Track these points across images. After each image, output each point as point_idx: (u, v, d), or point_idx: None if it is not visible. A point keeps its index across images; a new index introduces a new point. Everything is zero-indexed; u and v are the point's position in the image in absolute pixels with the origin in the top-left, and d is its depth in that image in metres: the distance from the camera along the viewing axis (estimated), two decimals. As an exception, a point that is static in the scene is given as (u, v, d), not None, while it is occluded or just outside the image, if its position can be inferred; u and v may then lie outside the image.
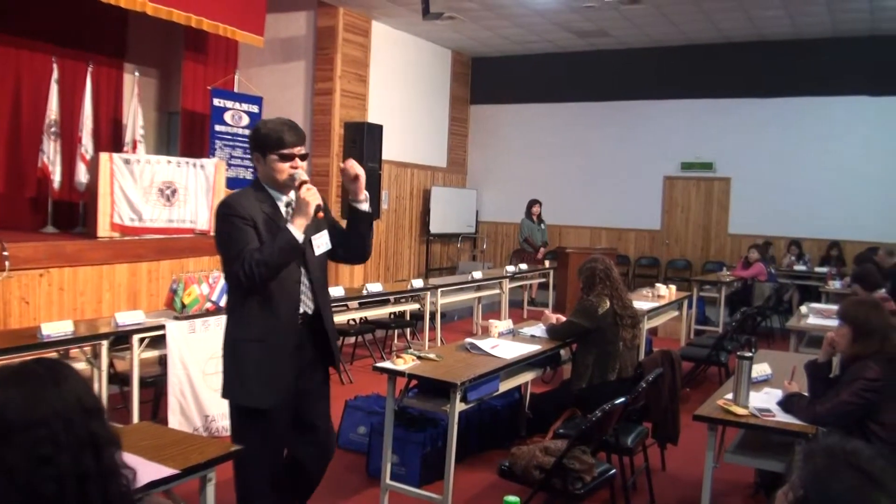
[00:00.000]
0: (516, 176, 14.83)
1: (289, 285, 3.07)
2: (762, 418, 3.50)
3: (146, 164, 8.27)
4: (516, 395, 5.60)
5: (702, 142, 13.26)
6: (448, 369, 4.12)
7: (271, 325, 3.03)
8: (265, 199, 3.09)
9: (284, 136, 3.05)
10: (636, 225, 13.89)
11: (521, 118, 14.86)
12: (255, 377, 3.03)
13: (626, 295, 5.16)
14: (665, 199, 13.69)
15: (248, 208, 3.01)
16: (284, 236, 2.94)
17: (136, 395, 4.98)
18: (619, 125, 13.92)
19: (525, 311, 11.11)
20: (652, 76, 13.52)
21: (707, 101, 13.18)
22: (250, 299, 3.02)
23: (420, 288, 7.98)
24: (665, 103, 13.51)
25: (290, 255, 2.97)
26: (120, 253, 7.49)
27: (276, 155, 3.04)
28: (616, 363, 4.93)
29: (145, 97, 11.15)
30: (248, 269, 2.89)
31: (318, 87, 11.54)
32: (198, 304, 5.37)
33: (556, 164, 14.45)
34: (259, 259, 2.90)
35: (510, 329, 5.32)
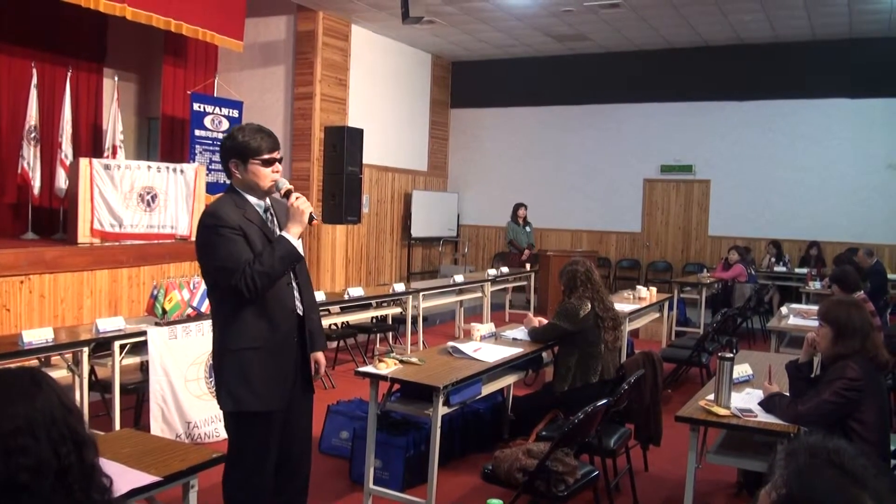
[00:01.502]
0: (497, 179, 14.86)
1: (282, 289, 3.10)
2: (744, 418, 3.52)
3: (126, 169, 8.22)
4: (499, 397, 5.60)
5: (681, 144, 13.34)
6: (430, 373, 4.12)
7: (270, 330, 3.06)
8: (244, 205, 3.10)
9: (263, 142, 3.07)
10: (617, 227, 13.94)
11: (501, 122, 14.89)
12: (261, 382, 3.05)
13: (607, 297, 5.16)
14: (645, 202, 13.75)
15: (234, 217, 3.02)
16: (284, 246, 2.98)
17: (118, 403, 4.94)
18: (599, 128, 13.97)
19: (507, 314, 11.12)
20: (631, 79, 13.59)
21: (687, 105, 13.27)
22: (246, 308, 3.02)
23: (402, 292, 7.97)
24: (645, 106, 13.58)
25: (291, 263, 3.03)
26: (100, 259, 7.44)
27: (259, 161, 3.05)
28: (598, 365, 4.93)
29: (125, 102, 11.08)
30: (250, 281, 2.91)
31: (298, 92, 11.51)
32: (179, 310, 5.34)
33: (536, 168, 14.49)
34: (261, 271, 2.93)
35: (492, 332, 5.32)
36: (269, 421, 3.09)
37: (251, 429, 3.10)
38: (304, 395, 3.28)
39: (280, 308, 3.08)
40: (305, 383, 3.28)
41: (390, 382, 4.07)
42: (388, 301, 8.01)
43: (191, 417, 5.27)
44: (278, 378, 3.09)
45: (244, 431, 3.12)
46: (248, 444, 3.08)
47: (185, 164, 9.00)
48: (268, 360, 3.06)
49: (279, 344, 3.08)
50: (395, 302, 8.05)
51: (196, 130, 10.27)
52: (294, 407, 3.22)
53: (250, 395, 3.05)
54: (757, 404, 3.68)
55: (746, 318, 9.30)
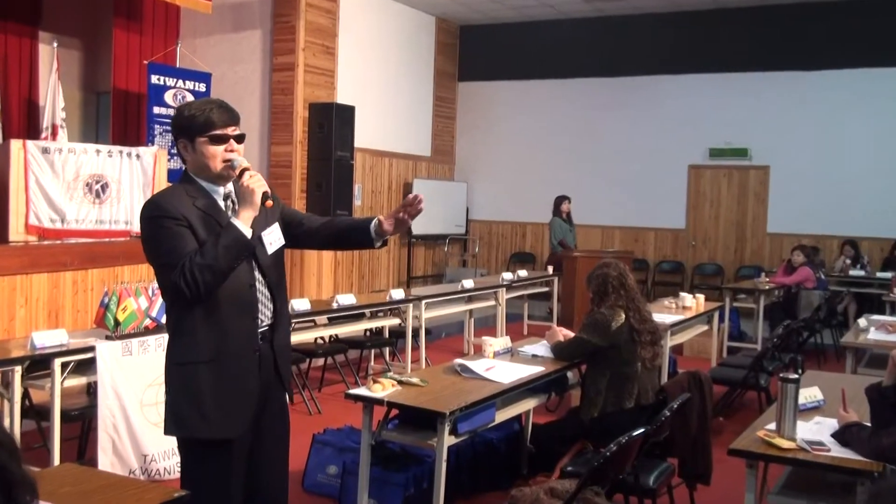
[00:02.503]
0: (514, 166, 14.84)
1: (241, 292, 3.04)
2: (814, 453, 3.48)
3: (69, 153, 8.22)
4: (516, 426, 5.60)
5: (734, 124, 13.31)
6: (434, 396, 4.11)
7: (224, 341, 3.00)
8: (198, 193, 3.05)
9: (214, 114, 3.01)
10: (656, 223, 13.93)
11: (518, 97, 14.87)
12: (213, 403, 2.99)
13: (644, 306, 5.15)
14: (690, 193, 13.73)
15: (180, 206, 2.97)
16: (230, 233, 2.90)
17: (58, 432, 4.91)
18: (635, 105, 13.95)
19: (525, 326, 11.10)
20: (674, 46, 13.57)
21: (740, 76, 13.24)
22: (195, 313, 2.98)
23: (401, 300, 7.96)
24: (689, 78, 13.56)
25: (239, 254, 2.93)
26: (37, 260, 7.43)
27: (206, 138, 3.01)
28: (634, 387, 4.93)
29: (67, 73, 11.08)
30: (189, 276, 2.84)
31: (278, 62, 11.50)
32: (134, 322, 5.33)
33: (560, 152, 14.47)
34: (201, 263, 2.85)
35: (508, 348, 5.30)
36: (226, 451, 3.02)
37: (205, 461, 3.04)
38: (276, 421, 3.23)
39: (237, 314, 3.03)
40: (277, 405, 3.25)
41: (387, 407, 4.05)
42: (385, 311, 7.99)
43: (147, 449, 5.25)
44: (235, 399, 3.02)
45: (196, 464, 3.08)
46: (202, 480, 3.03)
47: (141, 148, 8.99)
48: (221, 377, 2.99)
49: (235, 357, 3.02)
50: (393, 312, 8.03)
51: (154, 107, 10.28)
52: (264, 434, 3.18)
53: (198, 420, 2.99)
54: (830, 436, 3.64)
55: (815, 332, 9.27)
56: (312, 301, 7.38)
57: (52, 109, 9.94)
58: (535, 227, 14.83)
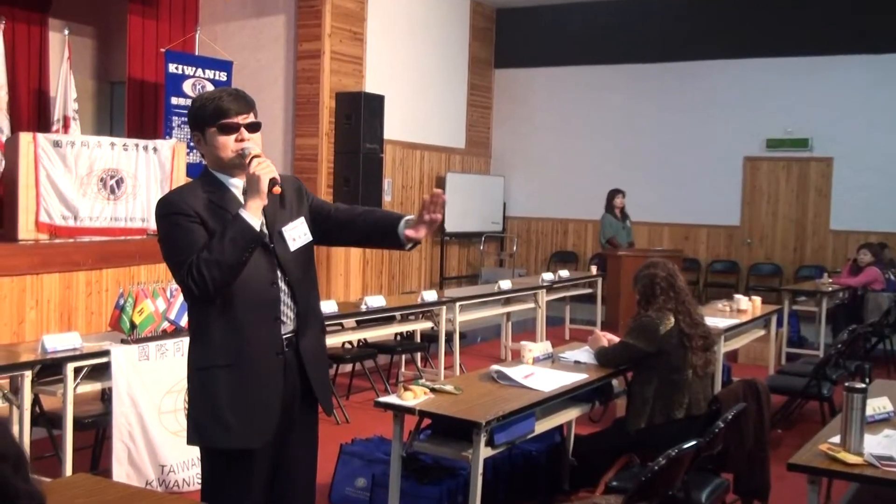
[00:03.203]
0: (554, 159, 14.81)
1: (260, 290, 3.05)
2: (883, 468, 3.44)
3: (82, 147, 8.30)
4: (557, 437, 5.58)
5: (794, 112, 13.20)
6: (469, 405, 4.10)
7: (243, 343, 3.01)
8: (214, 187, 3.08)
9: (223, 102, 3.04)
10: (708, 220, 13.85)
11: (559, 85, 14.84)
12: (233, 411, 3.01)
13: (695, 309, 5.13)
14: (746, 187, 13.64)
15: (192, 202, 2.99)
16: (236, 225, 2.92)
17: (70, 441, 4.95)
18: (685, 92, 13.87)
19: (567, 330, 11.08)
20: (727, 28, 13.48)
21: (801, 60, 13.12)
22: (213, 314, 3.00)
23: (433, 302, 7.96)
24: (745, 63, 13.45)
25: (246, 247, 2.94)
26: (49, 260, 7.51)
27: (216, 127, 3.03)
28: (684, 396, 4.90)
29: (79, 62, 11.20)
30: (196, 273, 2.87)
31: (303, 49, 11.55)
32: (152, 324, 5.36)
33: (604, 144, 14.43)
34: (208, 259, 2.87)
35: (548, 353, 5.31)
36: (248, 462, 3.05)
37: (226, 472, 3.06)
38: (303, 430, 3.24)
39: (257, 314, 3.04)
40: (305, 414, 3.27)
41: (419, 416, 4.05)
42: (417, 313, 8.01)
43: (165, 460, 5.29)
44: (256, 407, 3.03)
45: (217, 475, 3.10)
46: (223, 492, 3.06)
47: (158, 141, 9.07)
48: (240, 382, 3.01)
49: (256, 362, 3.03)
50: (425, 314, 8.04)
51: (172, 98, 10.36)
52: (290, 445, 3.19)
53: (217, 428, 3.01)
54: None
55: (883, 338, 9.18)
56: (340, 303, 7.40)
57: (64, 100, 10.04)
58: (578, 224, 14.79)
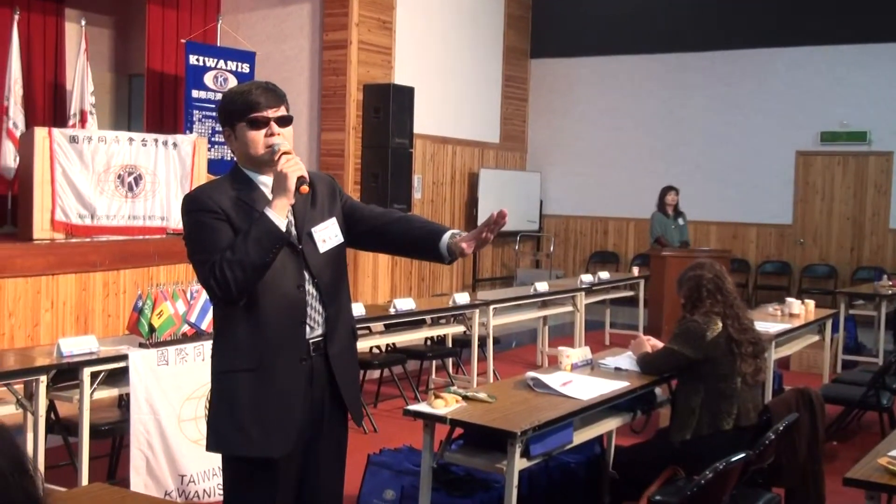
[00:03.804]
0: (594, 154, 14.75)
1: (287, 293, 3.06)
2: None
3: (99, 142, 8.36)
4: (596, 448, 5.55)
5: (851, 104, 13.09)
6: (504, 414, 4.10)
7: (267, 347, 3.02)
8: (243, 184, 3.10)
9: (253, 96, 3.05)
10: (758, 218, 13.76)
11: (599, 76, 14.79)
12: (254, 418, 3.02)
13: (744, 313, 5.09)
14: (798, 183, 13.54)
15: (219, 198, 3.01)
16: (261, 224, 2.92)
17: (86, 449, 4.99)
18: (732, 83, 13.79)
19: (607, 334, 11.04)
20: (779, 14, 13.38)
21: (858, 48, 13.02)
22: (237, 316, 3.02)
23: (466, 305, 7.96)
24: (797, 51, 13.36)
25: (271, 248, 2.95)
26: (65, 260, 7.57)
27: (245, 122, 3.05)
28: (732, 406, 4.86)
29: (96, 54, 11.29)
30: (219, 273, 2.88)
31: (329, 39, 11.59)
32: (171, 328, 5.39)
33: (647, 138, 14.37)
34: (231, 259, 2.88)
35: (587, 360, 5.29)
36: (271, 472, 3.06)
37: (248, 482, 3.07)
38: (331, 439, 3.25)
39: (283, 318, 3.05)
40: (333, 422, 3.27)
41: (450, 426, 4.05)
42: (448, 317, 8.00)
43: (185, 469, 5.32)
44: (279, 414, 3.04)
45: (239, 485, 3.11)
46: (245, 502, 3.08)
47: (178, 136, 9.12)
48: (263, 388, 3.02)
49: (280, 367, 3.04)
50: (457, 318, 8.03)
51: (193, 91, 10.43)
52: (317, 456, 3.20)
53: (237, 435, 3.02)
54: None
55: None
56: (367, 306, 7.41)
57: (81, 94, 10.13)
58: (618, 223, 14.74)
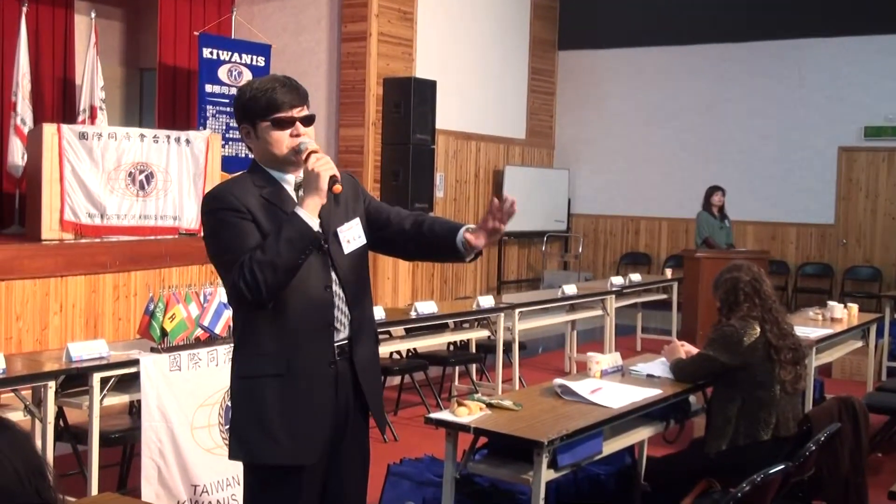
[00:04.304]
0: (625, 150, 14.73)
1: (315, 295, 3.08)
2: None
3: (110, 139, 8.41)
4: (627, 459, 5.56)
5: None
6: (530, 422, 4.09)
7: (295, 352, 3.05)
8: (267, 183, 3.12)
9: (277, 94, 3.07)
10: (798, 217, 13.70)
11: (631, 69, 14.77)
12: (281, 425, 3.04)
13: (784, 318, 5.07)
14: (840, 181, 13.48)
15: (243, 197, 3.03)
16: (293, 224, 2.95)
17: (96, 457, 5.02)
18: (773, 76, 13.74)
19: (639, 340, 11.03)
20: (821, 3, 13.33)
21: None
22: (263, 319, 3.03)
23: (490, 308, 7.95)
24: (839, 42, 13.31)
25: (304, 249, 2.97)
26: (74, 261, 7.61)
27: (269, 122, 3.07)
28: (771, 415, 4.85)
29: (107, 48, 11.35)
30: (248, 275, 2.89)
31: (347, 31, 11.61)
32: (184, 332, 5.40)
33: (680, 133, 14.33)
34: (262, 259, 2.90)
35: (618, 366, 5.27)
36: (295, 480, 3.07)
37: (271, 490, 3.09)
38: (354, 446, 3.27)
39: (310, 321, 3.07)
40: (357, 429, 3.28)
41: (474, 435, 4.05)
42: (471, 321, 8.01)
43: (198, 479, 5.33)
44: (306, 421, 3.06)
45: (261, 493, 3.13)
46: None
47: (191, 132, 9.16)
48: (291, 394, 3.04)
49: (307, 372, 3.06)
50: (481, 322, 8.04)
51: (206, 85, 10.46)
52: (341, 463, 3.21)
53: (267, 443, 3.04)
54: None
55: None
56: (387, 309, 7.42)
57: (90, 89, 10.17)
58: (650, 223, 14.69)
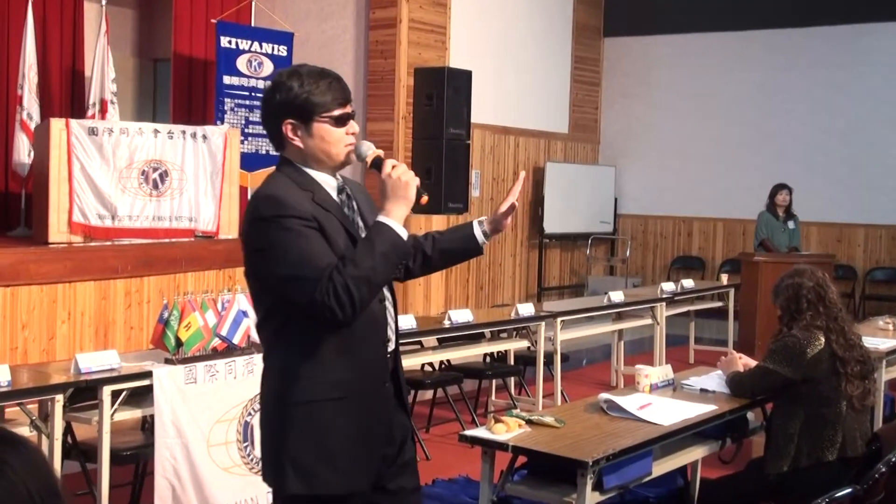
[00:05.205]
0: (677, 145, 14.68)
1: (371, 308, 3.08)
2: None
3: (121, 134, 8.46)
4: (679, 481, 5.56)
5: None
6: (573, 441, 4.10)
7: (355, 371, 3.05)
8: (311, 185, 3.10)
9: (332, 90, 3.08)
10: (867, 218, 13.64)
11: (683, 57, 14.74)
12: (343, 450, 3.04)
13: (851, 327, 5.04)
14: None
15: (302, 203, 3.00)
16: (386, 236, 2.94)
17: (106, 476, 5.05)
18: (839, 64, 13.68)
19: (692, 351, 10.96)
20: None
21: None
22: (321, 339, 3.01)
23: (530, 317, 7.94)
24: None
25: (398, 263, 3.03)
26: (83, 266, 7.66)
27: (328, 118, 3.07)
28: (837, 434, 4.83)
29: (118, 38, 11.44)
30: (343, 292, 2.86)
31: (376, 17, 11.63)
32: (200, 342, 5.42)
33: (737, 127, 14.29)
34: (357, 276, 2.87)
35: (669, 380, 5.28)
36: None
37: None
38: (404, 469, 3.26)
39: (369, 337, 3.08)
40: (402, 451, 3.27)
41: (512, 454, 4.06)
42: (510, 330, 7.99)
43: (215, 499, 5.35)
44: (366, 443, 3.07)
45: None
46: None
47: (208, 127, 9.21)
48: (353, 417, 3.04)
49: (367, 392, 3.07)
50: (520, 332, 8.02)
51: (224, 77, 10.50)
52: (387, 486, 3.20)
53: (330, 472, 3.02)
54: None
55: None
56: (419, 318, 7.41)
57: (101, 82, 10.23)
58: (704, 224, 14.63)
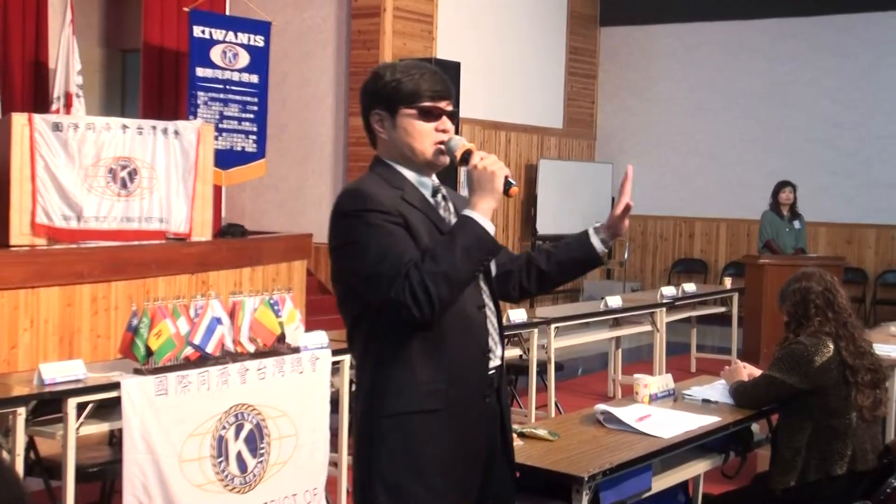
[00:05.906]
0: (678, 142, 14.73)
1: (469, 314, 3.06)
2: None
3: (88, 130, 8.43)
4: (681, 497, 5.54)
5: None
6: (568, 454, 4.11)
7: (452, 382, 3.01)
8: (401, 183, 3.09)
9: (427, 80, 3.09)
10: (878, 218, 13.70)
11: (685, 47, 14.79)
12: (438, 469, 3.00)
13: (861, 334, 5.05)
14: (927, 176, 13.43)
15: (388, 199, 2.98)
16: (470, 230, 2.92)
17: (72, 494, 5.03)
18: (849, 54, 13.74)
19: (693, 359, 11.00)
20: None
21: None
22: (414, 345, 2.97)
23: (522, 324, 7.94)
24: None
25: (482, 258, 2.99)
26: (47, 270, 7.64)
27: (413, 109, 3.07)
28: (846, 447, 4.84)
29: (84, 27, 11.42)
30: (420, 290, 2.82)
31: (358, 5, 11.65)
32: (172, 351, 5.40)
33: (742, 122, 14.35)
34: (435, 272, 2.83)
35: (669, 390, 5.29)
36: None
37: None
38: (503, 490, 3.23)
39: (465, 345, 3.03)
40: (502, 473, 3.24)
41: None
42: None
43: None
44: (464, 463, 3.04)
45: None
46: None
47: (180, 122, 9.18)
48: (448, 432, 3.00)
49: (464, 406, 3.02)
50: (512, 340, 8.01)
51: (198, 69, 10.48)
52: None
53: (423, 491, 2.98)
54: None
55: None
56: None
57: (66, 74, 10.22)
58: (707, 225, 14.67)
